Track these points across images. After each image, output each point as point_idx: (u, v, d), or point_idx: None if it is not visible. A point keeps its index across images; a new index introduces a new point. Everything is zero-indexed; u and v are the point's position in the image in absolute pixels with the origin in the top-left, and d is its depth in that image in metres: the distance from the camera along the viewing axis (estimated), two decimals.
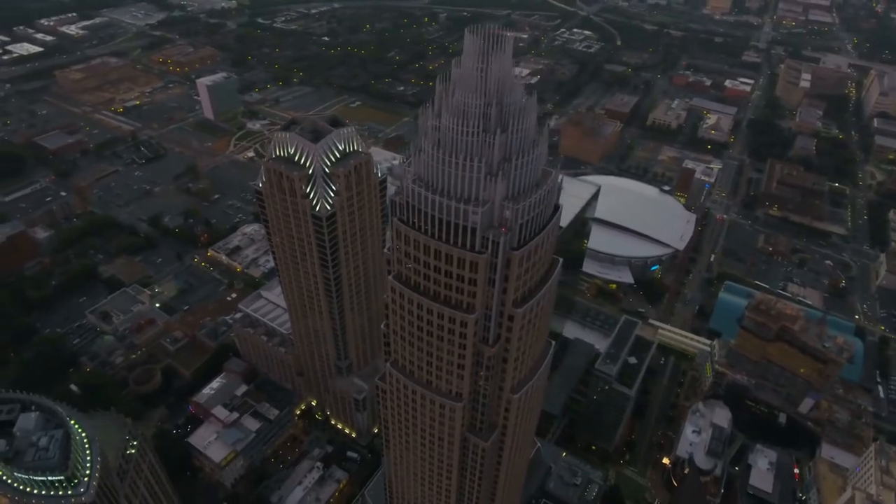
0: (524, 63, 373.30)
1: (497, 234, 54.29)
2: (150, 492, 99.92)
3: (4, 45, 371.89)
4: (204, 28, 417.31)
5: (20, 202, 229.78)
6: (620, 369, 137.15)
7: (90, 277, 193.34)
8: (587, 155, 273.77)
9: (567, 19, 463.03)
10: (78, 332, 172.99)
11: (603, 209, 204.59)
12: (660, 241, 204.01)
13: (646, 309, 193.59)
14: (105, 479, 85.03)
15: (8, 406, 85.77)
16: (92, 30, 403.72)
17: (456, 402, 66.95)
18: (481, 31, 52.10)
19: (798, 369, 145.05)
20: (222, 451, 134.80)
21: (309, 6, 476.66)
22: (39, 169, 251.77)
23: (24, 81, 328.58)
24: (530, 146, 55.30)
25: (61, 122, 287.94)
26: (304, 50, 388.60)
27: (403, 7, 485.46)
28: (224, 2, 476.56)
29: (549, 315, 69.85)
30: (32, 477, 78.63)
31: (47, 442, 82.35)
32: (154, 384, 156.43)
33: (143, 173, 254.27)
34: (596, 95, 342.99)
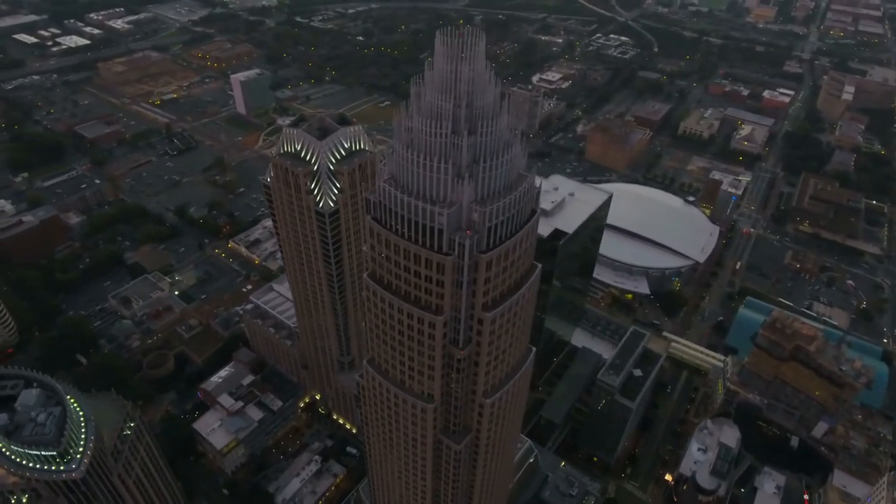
0: (556, 67, 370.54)
1: (462, 236, 54.07)
2: (146, 473, 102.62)
3: (55, 38, 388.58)
4: (243, 25, 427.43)
5: (57, 188, 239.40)
6: (624, 381, 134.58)
7: (116, 263, 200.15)
8: (613, 162, 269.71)
9: (604, 24, 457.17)
10: (99, 315, 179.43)
11: (623, 218, 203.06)
12: (680, 252, 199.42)
13: (661, 321, 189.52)
14: (98, 457, 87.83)
15: (12, 382, 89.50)
16: (137, 24, 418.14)
17: (427, 404, 66.92)
18: (452, 32, 51.81)
19: (813, 392, 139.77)
20: (225, 438, 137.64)
21: (346, 6, 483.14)
22: (77, 156, 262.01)
23: (71, 72, 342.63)
24: (502, 149, 54.93)
25: (101, 112, 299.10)
26: (339, 49, 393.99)
27: (439, 9, 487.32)
28: (265, 0, 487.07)
29: (528, 320, 69.09)
30: (28, 451, 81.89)
31: (45, 418, 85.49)
32: (166, 369, 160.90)
33: (174, 164, 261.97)
34: (627, 102, 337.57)
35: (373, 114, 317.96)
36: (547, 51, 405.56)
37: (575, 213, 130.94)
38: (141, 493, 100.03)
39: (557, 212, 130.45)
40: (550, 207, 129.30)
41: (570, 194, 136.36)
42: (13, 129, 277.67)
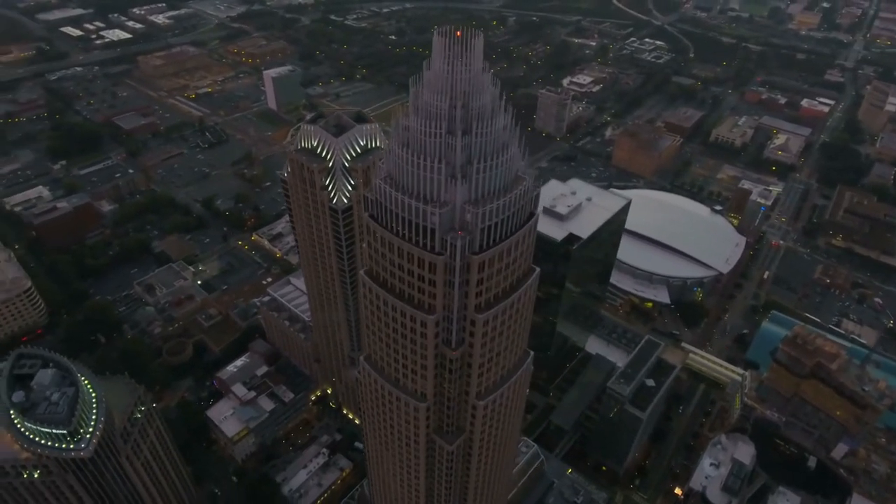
0: (587, 71, 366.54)
1: (454, 236, 54.06)
2: (155, 456, 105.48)
3: (99, 31, 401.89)
4: (279, 22, 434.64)
5: (92, 176, 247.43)
6: (635, 391, 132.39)
7: (144, 251, 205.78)
8: (640, 168, 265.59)
9: (639, 28, 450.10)
10: (125, 301, 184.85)
11: (645, 225, 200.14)
12: (703, 262, 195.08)
13: (681, 332, 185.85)
14: (107, 437, 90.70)
15: (31, 361, 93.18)
16: (177, 20, 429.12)
17: (420, 402, 67.07)
18: (449, 31, 51.84)
19: (833, 411, 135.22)
20: (236, 426, 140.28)
21: (381, 5, 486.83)
22: (113, 146, 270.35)
23: (112, 65, 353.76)
24: (498, 150, 54.67)
25: (138, 104, 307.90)
26: (371, 47, 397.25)
27: (473, 9, 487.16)
28: None
29: (525, 324, 68.59)
30: (40, 428, 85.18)
31: (59, 398, 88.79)
32: (185, 356, 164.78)
33: (205, 157, 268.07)
34: (659, 108, 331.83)
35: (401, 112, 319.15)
36: (579, 53, 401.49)
37: (591, 218, 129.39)
38: (149, 474, 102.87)
39: (573, 216, 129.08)
40: (566, 211, 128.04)
41: (588, 199, 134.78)
42: (55, 119, 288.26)
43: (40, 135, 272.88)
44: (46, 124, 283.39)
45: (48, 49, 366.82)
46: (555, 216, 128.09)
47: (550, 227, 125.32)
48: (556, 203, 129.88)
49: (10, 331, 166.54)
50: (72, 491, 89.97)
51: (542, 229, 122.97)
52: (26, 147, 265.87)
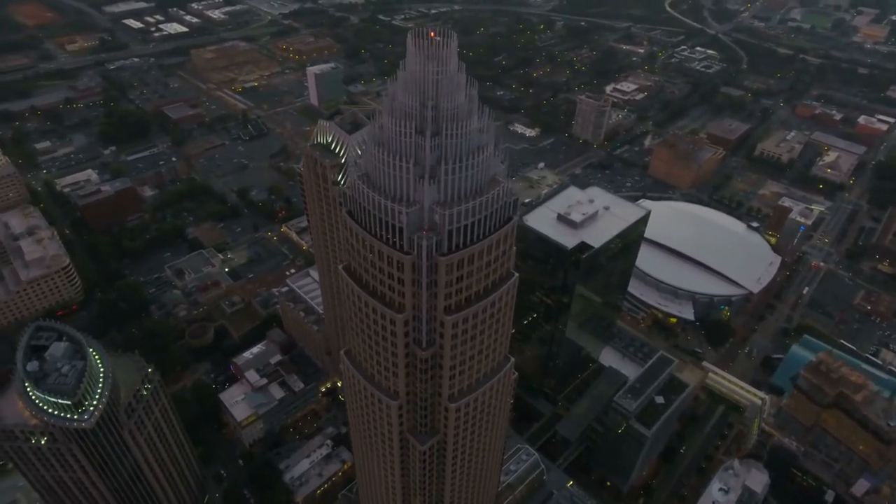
0: (632, 78, 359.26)
1: (420, 236, 54.19)
2: (159, 433, 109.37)
3: (158, 24, 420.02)
4: (328, 20, 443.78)
5: (138, 162, 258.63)
6: (643, 407, 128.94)
7: (178, 236, 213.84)
8: (677, 179, 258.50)
9: (692, 37, 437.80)
10: (155, 283, 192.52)
11: (674, 237, 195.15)
12: (733, 280, 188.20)
13: (704, 350, 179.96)
14: (110, 411, 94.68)
15: (47, 333, 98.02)
16: (232, 15, 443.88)
17: (392, 400, 67.39)
18: (423, 32, 52.04)
19: (856, 445, 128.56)
20: (245, 411, 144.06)
21: (430, 6, 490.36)
22: (161, 135, 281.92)
23: (167, 57, 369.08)
24: (471, 152, 54.41)
25: (188, 95, 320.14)
26: None
27: (522, 13, 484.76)
28: None
29: (503, 329, 67.96)
30: (48, 397, 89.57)
31: (68, 370, 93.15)
32: (206, 340, 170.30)
33: (245, 149, 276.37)
34: (704, 119, 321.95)
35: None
36: (626, 60, 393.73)
37: (606, 228, 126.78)
38: (151, 450, 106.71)
39: (588, 224, 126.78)
40: (580, 219, 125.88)
41: (605, 208, 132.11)
42: (109, 106, 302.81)
43: (95, 120, 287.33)
44: (101, 111, 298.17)
45: (110, 40, 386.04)
46: (568, 223, 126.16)
47: (562, 235, 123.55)
48: (571, 210, 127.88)
49: (47, 304, 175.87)
50: (75, 459, 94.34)
51: (554, 236, 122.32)
52: (81, 131, 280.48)
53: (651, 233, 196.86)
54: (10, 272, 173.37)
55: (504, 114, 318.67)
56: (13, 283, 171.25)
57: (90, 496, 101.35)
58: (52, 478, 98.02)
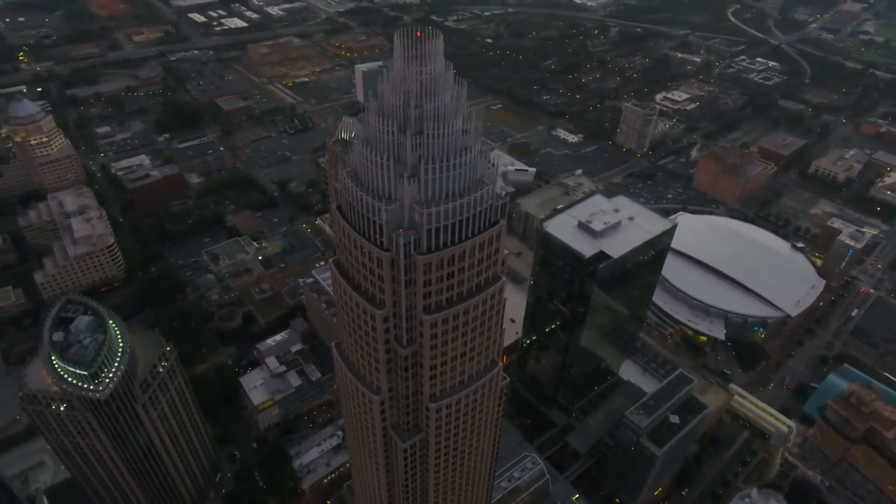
0: (685, 87, 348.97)
1: (398, 234, 54.59)
2: (173, 409, 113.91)
3: (220, 19, 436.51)
4: (382, 19, 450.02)
5: (188, 150, 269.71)
6: (655, 425, 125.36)
7: (218, 223, 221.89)
8: (722, 193, 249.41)
9: (753, 47, 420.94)
10: (192, 267, 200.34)
11: (711, 253, 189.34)
12: (770, 300, 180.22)
13: (733, 372, 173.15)
14: (125, 384, 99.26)
15: (74, 306, 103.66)
16: (290, 12, 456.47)
17: (374, 395, 68.03)
18: (409, 32, 52.42)
19: (885, 484, 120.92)
20: (262, 396, 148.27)
21: (483, 8, 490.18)
22: (212, 125, 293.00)
23: (225, 50, 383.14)
24: (455, 152, 54.40)
25: (240, 88, 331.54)
26: (465, 49, 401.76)
27: (577, 17, 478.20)
28: None
29: (490, 333, 67.32)
30: (68, 367, 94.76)
31: (89, 342, 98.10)
32: (234, 324, 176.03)
33: (289, 142, 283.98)
34: (757, 132, 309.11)
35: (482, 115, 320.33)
36: (680, 69, 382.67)
37: (628, 238, 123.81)
38: (164, 426, 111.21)
39: (609, 234, 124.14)
40: (601, 228, 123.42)
41: (630, 218, 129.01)
42: (167, 95, 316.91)
43: (152, 108, 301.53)
44: (159, 99, 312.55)
45: (174, 32, 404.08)
46: (588, 232, 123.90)
47: (581, 243, 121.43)
48: (593, 219, 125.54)
49: (91, 280, 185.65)
50: (91, 427, 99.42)
51: (573, 244, 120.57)
52: (139, 118, 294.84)
53: (686, 247, 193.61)
54: (60, 248, 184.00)
55: (548, 118, 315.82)
56: (62, 257, 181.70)
57: (104, 464, 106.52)
58: (69, 443, 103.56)
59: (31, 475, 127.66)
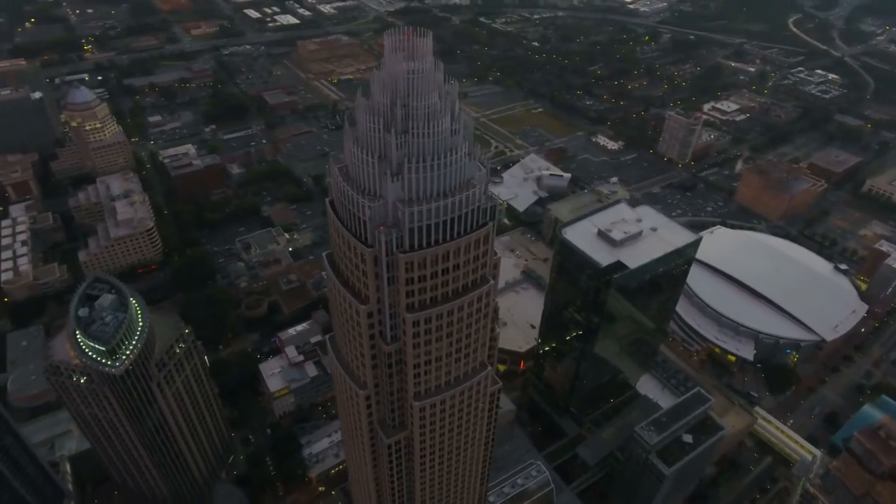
0: (735, 97, 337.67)
1: (379, 231, 55.18)
2: (187, 389, 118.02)
3: (274, 15, 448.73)
4: (430, 20, 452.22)
5: (232, 142, 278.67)
6: (666, 443, 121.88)
7: (253, 213, 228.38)
8: (765, 209, 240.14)
9: (813, 58, 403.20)
10: (225, 254, 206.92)
11: (746, 271, 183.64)
12: (805, 323, 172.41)
13: (761, 395, 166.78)
14: (140, 362, 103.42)
15: (100, 285, 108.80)
16: (341, 10, 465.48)
17: (360, 389, 68.88)
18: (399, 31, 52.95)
19: None
20: (279, 384, 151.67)
21: (533, 11, 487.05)
22: (257, 118, 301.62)
23: (275, 46, 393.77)
24: (441, 152, 54.52)
25: (286, 83, 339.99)
26: (510, 51, 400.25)
27: (628, 22, 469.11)
28: None
29: (477, 336, 67.03)
30: (89, 342, 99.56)
31: (111, 320, 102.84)
32: (259, 312, 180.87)
33: (329, 137, 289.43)
34: (809, 147, 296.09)
35: (522, 118, 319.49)
36: (732, 79, 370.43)
37: (648, 249, 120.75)
38: (178, 405, 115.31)
39: (628, 243, 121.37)
40: (621, 238, 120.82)
41: (653, 229, 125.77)
42: (217, 88, 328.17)
43: (202, 100, 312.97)
44: (209, 92, 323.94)
45: (229, 27, 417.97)
46: (607, 240, 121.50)
47: (599, 251, 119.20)
48: (613, 228, 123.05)
49: (130, 261, 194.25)
50: (107, 401, 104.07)
51: (590, 252, 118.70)
52: (189, 109, 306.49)
53: (720, 262, 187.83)
54: (103, 229, 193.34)
55: (589, 124, 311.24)
56: (104, 238, 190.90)
57: (120, 436, 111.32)
58: (89, 414, 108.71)
59: (58, 442, 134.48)
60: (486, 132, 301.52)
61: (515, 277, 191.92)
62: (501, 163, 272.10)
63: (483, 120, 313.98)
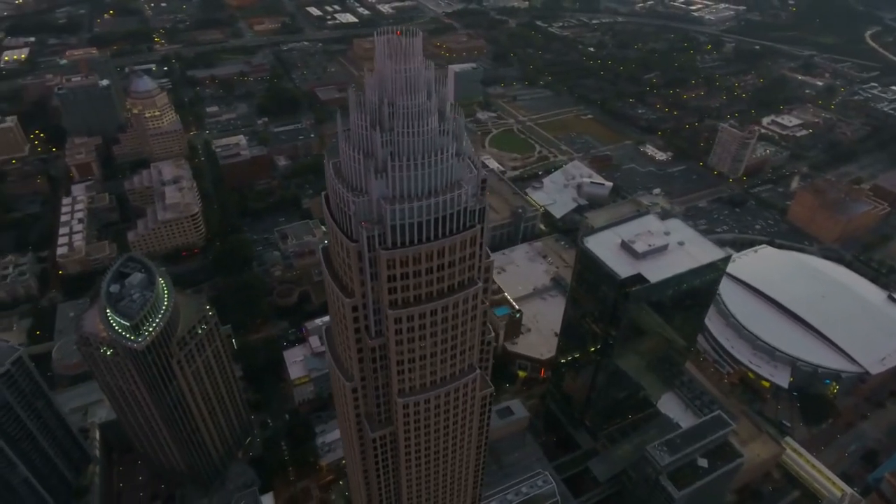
0: (798, 112, 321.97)
1: (361, 227, 56.06)
2: (207, 369, 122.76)
3: (334, 14, 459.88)
4: (486, 22, 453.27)
5: (281, 135, 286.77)
6: (679, 465, 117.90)
7: (294, 205, 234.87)
8: (819, 230, 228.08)
9: (890, 74, 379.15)
10: (263, 242, 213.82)
11: (789, 294, 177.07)
12: (848, 353, 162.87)
13: (794, 426, 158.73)
14: (162, 340, 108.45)
15: (132, 265, 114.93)
16: (399, 10, 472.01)
17: (347, 381, 70.05)
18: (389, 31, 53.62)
19: None
20: (300, 372, 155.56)
21: (592, 16, 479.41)
22: (307, 113, 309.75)
23: (332, 43, 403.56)
24: (427, 152, 54.85)
25: (339, 80, 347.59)
26: (565, 56, 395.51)
27: (690, 30, 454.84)
28: (517, 1, 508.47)
29: (464, 338, 66.82)
30: (116, 317, 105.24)
31: (138, 297, 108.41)
32: (290, 301, 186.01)
33: None
34: (875, 168, 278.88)
35: (569, 124, 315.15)
36: (797, 92, 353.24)
37: (671, 263, 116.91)
38: (197, 384, 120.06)
39: (651, 256, 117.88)
40: (644, 250, 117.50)
41: (680, 243, 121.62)
42: (273, 82, 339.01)
43: (257, 93, 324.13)
44: (265, 85, 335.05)
45: (290, 24, 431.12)
46: (630, 252, 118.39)
47: (619, 262, 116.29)
48: (637, 239, 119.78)
49: (174, 244, 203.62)
50: (130, 374, 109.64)
51: (610, 262, 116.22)
52: (245, 101, 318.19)
53: (760, 282, 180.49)
54: (152, 212, 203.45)
55: (638, 133, 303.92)
56: (152, 220, 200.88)
57: (141, 409, 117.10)
58: (114, 385, 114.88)
59: (91, 410, 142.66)
60: (531, 136, 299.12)
61: (545, 284, 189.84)
62: (543, 168, 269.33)
63: (529, 124, 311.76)
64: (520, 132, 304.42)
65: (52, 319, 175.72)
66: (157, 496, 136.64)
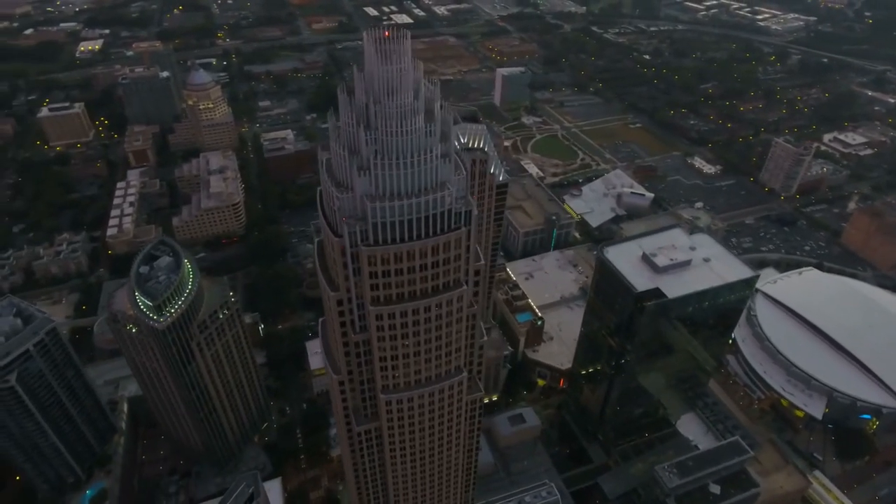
0: (864, 129, 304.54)
1: (342, 222, 57.10)
2: (226, 353, 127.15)
3: (391, 14, 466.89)
4: (540, 26, 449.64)
5: (325, 132, 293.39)
6: (688, 489, 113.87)
7: None
8: (874, 255, 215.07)
9: None
10: (298, 235, 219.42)
11: (831, 320, 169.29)
12: (892, 388, 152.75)
13: (826, 460, 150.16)
14: (182, 321, 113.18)
15: (163, 247, 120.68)
16: (455, 12, 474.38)
17: (335, 374, 71.37)
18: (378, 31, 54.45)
19: None
20: (320, 363, 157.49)
21: (650, 23, 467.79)
22: None
23: None
24: (412, 151, 55.43)
25: None
26: (617, 63, 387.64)
27: (754, 40, 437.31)
28: (574, 6, 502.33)
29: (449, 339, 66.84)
30: (142, 296, 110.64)
31: (164, 279, 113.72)
32: (318, 293, 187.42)
33: None
34: None
35: (616, 132, 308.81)
36: (864, 108, 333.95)
37: (693, 280, 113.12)
38: (216, 367, 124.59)
39: (672, 271, 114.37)
40: (665, 264, 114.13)
41: (705, 259, 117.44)
42: (324, 80, 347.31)
43: (308, 90, 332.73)
44: (317, 82, 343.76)
45: (347, 23, 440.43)
46: (650, 265, 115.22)
47: (638, 276, 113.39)
48: (659, 253, 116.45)
49: (215, 231, 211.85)
50: (152, 352, 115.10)
51: (629, 275, 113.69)
52: (296, 97, 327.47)
53: (802, 307, 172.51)
54: (197, 199, 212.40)
55: (687, 145, 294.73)
56: (196, 208, 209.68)
57: (163, 386, 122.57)
58: (139, 361, 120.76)
59: (122, 383, 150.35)
60: (575, 143, 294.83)
61: (572, 293, 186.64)
62: (584, 176, 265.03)
63: (574, 130, 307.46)
64: (564, 138, 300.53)
65: (97, 296, 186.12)
66: (176, 471, 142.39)
